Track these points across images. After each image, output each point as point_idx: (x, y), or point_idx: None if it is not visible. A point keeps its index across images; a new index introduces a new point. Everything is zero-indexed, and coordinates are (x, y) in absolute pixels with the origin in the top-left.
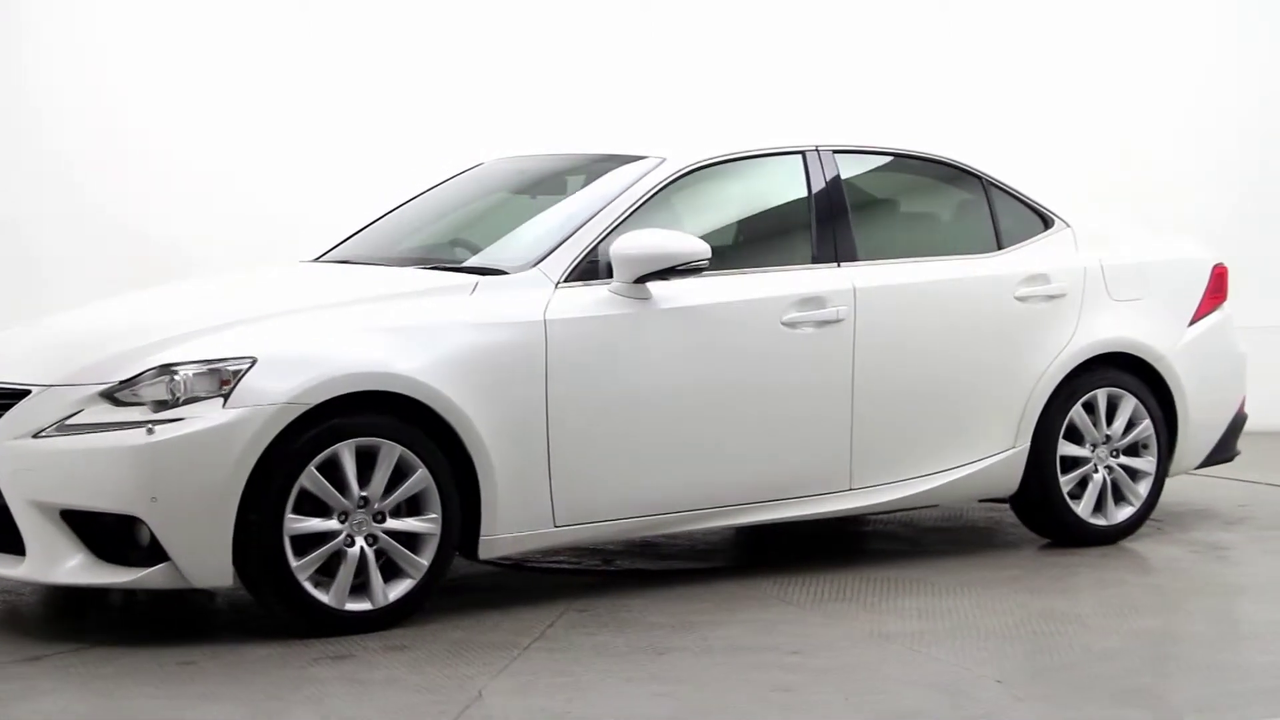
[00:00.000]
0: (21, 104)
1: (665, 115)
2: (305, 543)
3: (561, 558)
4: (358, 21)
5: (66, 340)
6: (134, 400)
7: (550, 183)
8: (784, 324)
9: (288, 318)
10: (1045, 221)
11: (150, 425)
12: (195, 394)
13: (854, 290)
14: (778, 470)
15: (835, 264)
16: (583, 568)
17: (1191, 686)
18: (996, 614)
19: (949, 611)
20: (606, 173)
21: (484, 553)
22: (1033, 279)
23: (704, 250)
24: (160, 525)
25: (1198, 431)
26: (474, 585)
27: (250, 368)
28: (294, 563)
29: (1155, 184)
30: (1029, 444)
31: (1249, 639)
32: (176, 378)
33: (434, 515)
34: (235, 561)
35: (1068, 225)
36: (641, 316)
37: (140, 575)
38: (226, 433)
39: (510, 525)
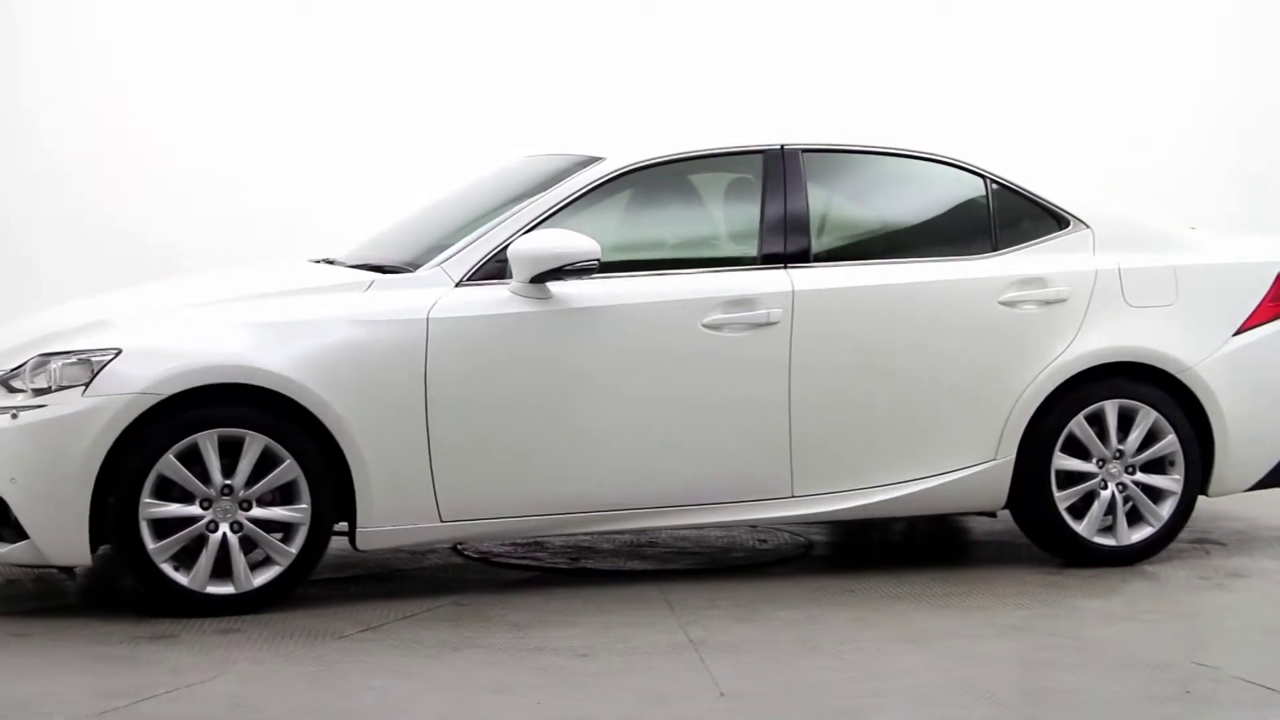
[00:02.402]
0: (19, 104)
1: (683, 113)
2: (169, 527)
3: (541, 554)
4: (357, 22)
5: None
6: (23, 387)
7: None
8: (705, 326)
9: (172, 313)
10: (1060, 222)
11: (15, 411)
12: (66, 382)
13: (793, 293)
14: (701, 474)
15: (781, 266)
16: (544, 565)
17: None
18: (865, 629)
19: (807, 623)
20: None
21: (362, 544)
22: (1026, 282)
23: (592, 250)
24: (20, 504)
25: (1247, 449)
26: (405, 575)
27: (113, 358)
28: (151, 545)
29: (1156, 185)
30: (1014, 456)
31: (1053, 669)
32: (50, 366)
33: (303, 505)
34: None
35: (1086, 226)
36: (539, 316)
37: (4, 551)
38: (82, 419)
39: (390, 518)
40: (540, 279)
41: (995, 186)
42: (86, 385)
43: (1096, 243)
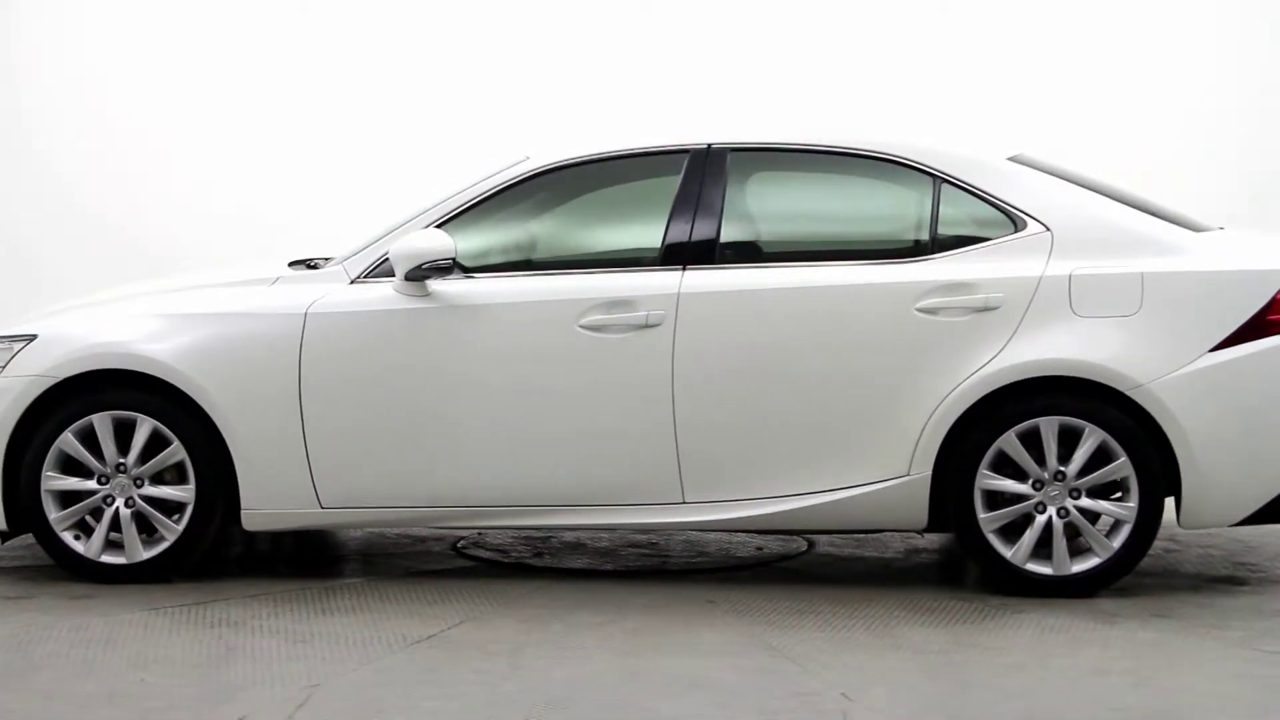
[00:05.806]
0: (18, 105)
1: (681, 113)
2: (72, 499)
3: (522, 549)
4: (355, 25)
5: None
6: None
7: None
8: (583, 326)
9: (98, 305)
10: (1016, 225)
11: None
12: None
13: (678, 295)
14: (582, 475)
15: (680, 267)
16: (501, 559)
17: None
18: (632, 638)
19: (599, 625)
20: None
21: (246, 524)
22: (950, 288)
23: (445, 249)
24: None
25: (1229, 478)
26: (360, 559)
27: (26, 345)
28: (52, 515)
29: (1155, 186)
30: (929, 473)
31: (704, 689)
32: None
33: (189, 486)
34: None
35: (1046, 229)
36: (412, 314)
37: None
38: None
39: (272, 502)
40: (412, 277)
41: (946, 186)
42: (2, 368)
43: (1054, 247)
